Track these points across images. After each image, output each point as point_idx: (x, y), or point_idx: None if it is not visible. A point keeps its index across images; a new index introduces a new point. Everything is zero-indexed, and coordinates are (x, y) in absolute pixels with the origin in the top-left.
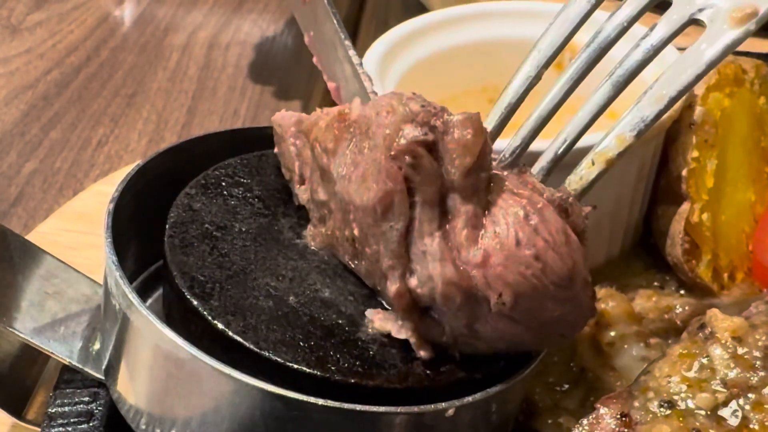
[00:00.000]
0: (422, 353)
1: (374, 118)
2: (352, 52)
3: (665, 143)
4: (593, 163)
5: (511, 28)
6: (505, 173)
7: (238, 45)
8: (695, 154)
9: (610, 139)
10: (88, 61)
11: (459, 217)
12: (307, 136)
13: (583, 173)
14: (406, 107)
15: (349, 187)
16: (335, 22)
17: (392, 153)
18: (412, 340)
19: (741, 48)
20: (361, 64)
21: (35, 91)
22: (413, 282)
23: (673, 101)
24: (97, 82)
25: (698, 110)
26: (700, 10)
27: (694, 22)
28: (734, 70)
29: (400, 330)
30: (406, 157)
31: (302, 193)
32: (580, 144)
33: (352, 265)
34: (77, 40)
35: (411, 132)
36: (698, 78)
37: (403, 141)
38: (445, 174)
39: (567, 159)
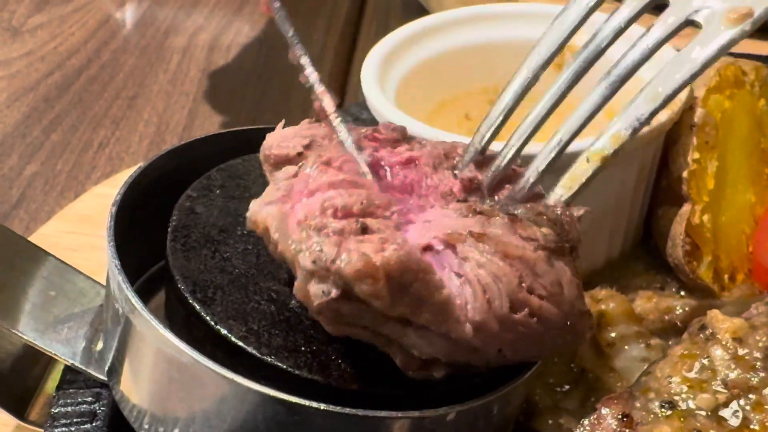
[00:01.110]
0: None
1: (286, 261)
2: (309, 70)
3: (666, 145)
4: (588, 161)
5: (511, 30)
6: (493, 226)
7: (238, 47)
8: (696, 155)
9: (605, 137)
10: (89, 64)
11: (422, 324)
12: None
13: (578, 171)
14: (302, 263)
15: None
16: (289, 36)
17: (315, 312)
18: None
19: (741, 50)
20: (320, 81)
21: (36, 93)
22: (416, 353)
23: (668, 99)
24: (98, 84)
25: (699, 112)
26: (697, 11)
27: (690, 23)
28: (734, 72)
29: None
30: (329, 313)
31: None
32: (577, 146)
33: None
34: (78, 43)
35: (316, 296)
36: (693, 77)
37: (314, 304)
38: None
39: (564, 160)
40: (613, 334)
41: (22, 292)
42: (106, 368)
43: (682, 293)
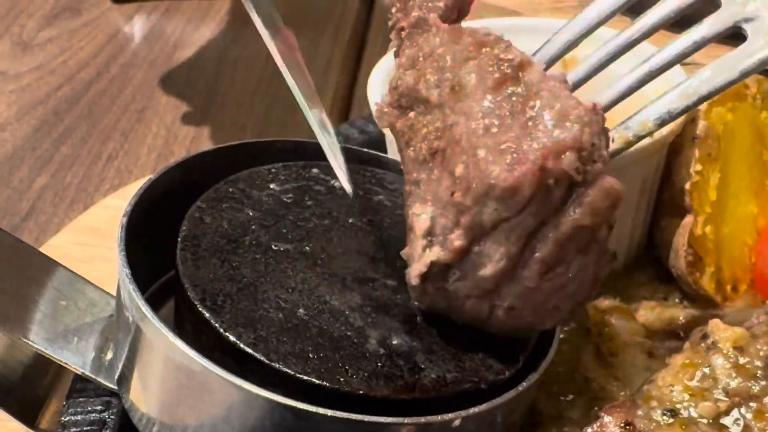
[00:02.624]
0: (415, 280)
1: (540, 103)
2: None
3: (668, 157)
4: (613, 141)
5: (516, 44)
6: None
7: (245, 61)
8: (698, 167)
9: (634, 121)
10: (98, 77)
11: (540, 252)
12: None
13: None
14: (579, 129)
15: (478, 142)
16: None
17: (544, 166)
18: (419, 269)
19: None
20: None
21: (46, 106)
22: (475, 249)
23: (701, 100)
24: (107, 97)
25: (701, 124)
26: (746, 20)
27: (737, 29)
28: (736, 85)
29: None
30: (550, 179)
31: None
32: None
33: (405, 157)
34: (88, 56)
35: (567, 162)
36: (730, 84)
37: (557, 164)
38: (561, 211)
39: None
40: (616, 344)
41: (33, 302)
42: (116, 377)
43: (685, 303)
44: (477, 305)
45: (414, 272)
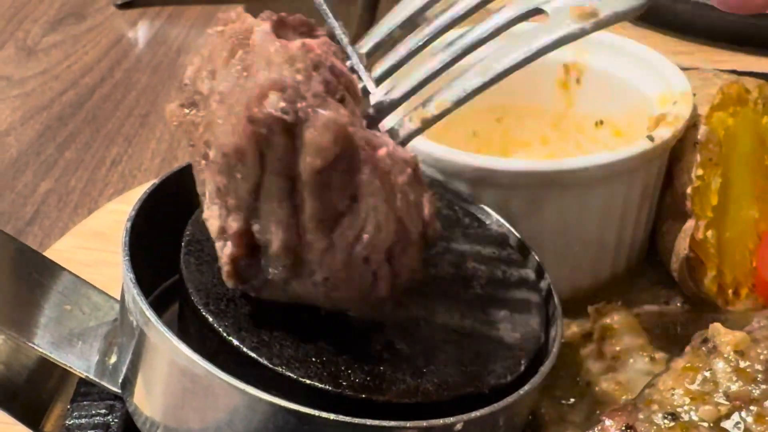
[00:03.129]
0: (229, 283)
1: (257, 60)
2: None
3: (670, 162)
4: (411, 120)
5: None
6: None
7: None
8: (700, 172)
9: (431, 103)
10: (102, 82)
11: (306, 209)
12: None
13: (401, 131)
14: (280, 69)
15: (217, 111)
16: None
17: (249, 116)
18: (226, 269)
19: (744, 68)
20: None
21: (50, 111)
22: (255, 227)
23: (498, 77)
24: (111, 102)
25: (702, 129)
26: (547, 1)
27: (539, 11)
28: (737, 89)
29: (223, 249)
30: (263, 129)
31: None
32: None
33: (192, 161)
34: (92, 62)
35: (271, 105)
36: (527, 60)
37: (261, 110)
38: (298, 161)
39: (563, 177)
40: (618, 348)
41: (38, 306)
42: (120, 380)
43: (686, 307)
44: (300, 286)
45: (225, 276)
